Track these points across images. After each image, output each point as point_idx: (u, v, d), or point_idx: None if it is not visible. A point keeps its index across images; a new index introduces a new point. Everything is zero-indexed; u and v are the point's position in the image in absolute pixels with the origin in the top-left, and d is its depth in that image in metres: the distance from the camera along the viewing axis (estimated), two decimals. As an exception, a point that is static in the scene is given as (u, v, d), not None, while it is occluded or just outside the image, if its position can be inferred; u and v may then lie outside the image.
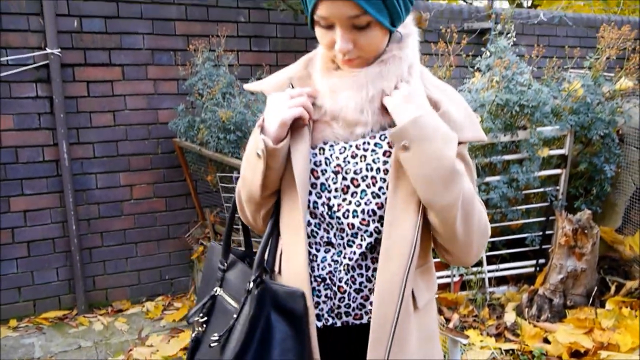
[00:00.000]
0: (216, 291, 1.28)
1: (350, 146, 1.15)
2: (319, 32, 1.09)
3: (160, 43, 3.69)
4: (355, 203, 1.14)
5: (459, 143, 1.10)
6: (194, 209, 3.88)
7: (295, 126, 1.14)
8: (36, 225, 3.51)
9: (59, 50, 3.39)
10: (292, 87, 1.17)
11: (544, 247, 3.13)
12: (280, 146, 1.12)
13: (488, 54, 2.91)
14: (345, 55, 1.08)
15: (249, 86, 1.29)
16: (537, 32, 5.27)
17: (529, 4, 11.32)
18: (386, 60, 1.12)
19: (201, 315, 1.26)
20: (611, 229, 3.17)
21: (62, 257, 3.59)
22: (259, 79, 3.49)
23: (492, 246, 3.18)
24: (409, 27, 1.16)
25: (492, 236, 3.15)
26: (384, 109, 1.12)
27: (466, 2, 13.69)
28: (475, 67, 2.96)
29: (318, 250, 1.18)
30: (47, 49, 3.36)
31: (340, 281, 1.16)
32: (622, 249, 3.06)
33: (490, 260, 3.21)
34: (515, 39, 3.02)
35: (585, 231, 2.73)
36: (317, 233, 1.18)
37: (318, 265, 1.17)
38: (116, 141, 3.65)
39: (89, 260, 3.66)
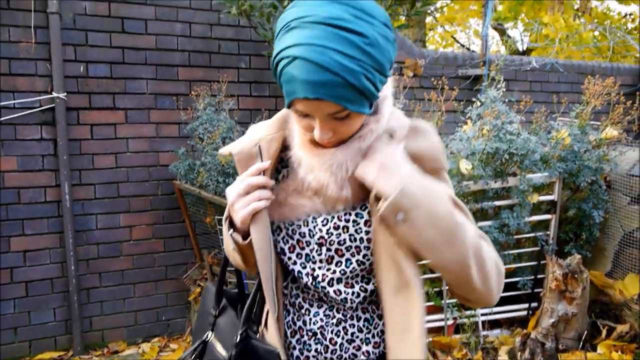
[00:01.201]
0: (207, 336, 1.32)
1: (333, 217, 1.16)
2: (295, 116, 1.07)
3: (163, 88, 3.80)
4: (340, 272, 1.16)
5: (437, 170, 1.12)
6: (192, 250, 3.93)
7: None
8: (35, 266, 3.56)
9: (65, 94, 3.50)
10: (260, 150, 1.17)
11: (536, 290, 3.18)
12: (249, 241, 1.16)
13: (479, 103, 3.02)
14: (324, 142, 1.07)
15: (222, 151, 1.28)
16: (530, 78, 5.43)
17: (524, 48, 11.63)
18: (364, 135, 1.10)
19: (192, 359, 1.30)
20: (601, 273, 3.23)
21: (59, 297, 3.62)
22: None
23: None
24: (383, 91, 1.12)
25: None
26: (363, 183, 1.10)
27: (464, 47, 14.03)
28: (467, 116, 3.07)
29: (311, 305, 1.20)
30: (53, 93, 3.47)
31: (331, 333, 1.19)
32: (612, 293, 3.12)
33: (484, 303, 3.25)
34: (504, 89, 3.14)
35: (576, 275, 2.80)
36: (309, 292, 1.21)
37: (310, 319, 1.20)
38: (117, 183, 3.72)
39: (87, 300, 3.69)
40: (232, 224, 1.20)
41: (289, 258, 1.20)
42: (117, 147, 3.71)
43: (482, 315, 3.16)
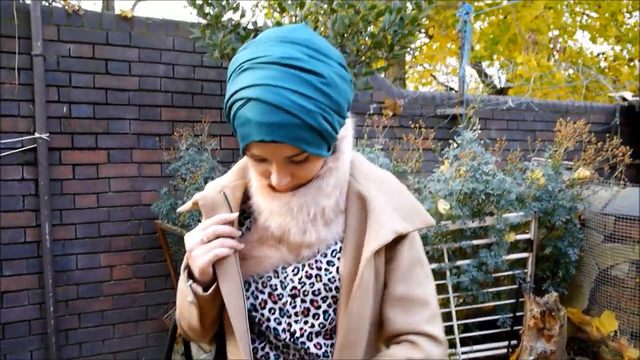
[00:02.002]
0: None
1: (304, 266, 1.11)
2: (251, 163, 1.04)
3: (146, 128, 3.84)
4: (319, 325, 1.10)
5: (404, 235, 1.09)
6: (173, 289, 3.91)
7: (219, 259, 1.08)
8: (14, 307, 3.51)
9: (48, 134, 3.51)
10: (225, 196, 1.13)
11: (515, 328, 3.22)
12: (210, 293, 1.07)
13: (455, 145, 3.10)
14: (282, 186, 1.04)
15: (183, 208, 1.22)
16: (507, 117, 5.57)
17: (501, 86, 11.91)
18: (323, 174, 1.08)
19: None
20: (578, 310, 3.28)
21: (37, 339, 3.57)
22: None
23: (465, 328, 3.26)
24: (342, 131, 1.11)
25: (464, 318, 3.25)
26: (327, 225, 1.08)
27: (443, 85, 14.32)
28: (445, 157, 3.15)
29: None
30: (35, 133, 3.49)
31: None
32: (589, 330, 3.17)
33: (464, 341, 3.28)
34: (480, 129, 3.23)
35: (553, 313, 2.84)
36: (288, 352, 1.14)
37: None
38: (99, 222, 3.72)
39: (65, 342, 3.64)
40: (190, 274, 1.11)
41: (262, 315, 1.12)
42: (99, 187, 3.72)
43: (463, 353, 3.18)
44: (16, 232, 3.50)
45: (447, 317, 3.15)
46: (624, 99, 6.30)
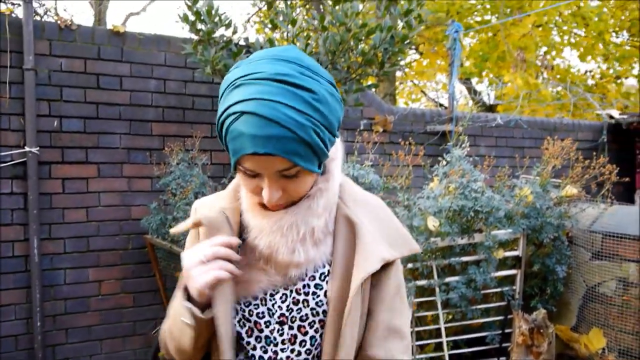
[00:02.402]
0: None
1: (291, 292, 1.11)
2: (242, 178, 1.04)
3: (137, 143, 3.84)
4: (305, 352, 1.10)
5: (390, 263, 1.12)
6: (161, 304, 3.89)
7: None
8: (0, 322, 3.48)
9: (38, 148, 3.50)
10: (227, 218, 1.12)
11: (504, 345, 3.23)
12: (207, 315, 1.05)
13: (444, 162, 3.13)
14: (273, 204, 1.04)
15: (181, 228, 1.13)
16: (496, 134, 5.62)
17: (491, 103, 12.01)
18: (313, 194, 1.09)
19: None
20: (567, 328, 3.30)
21: (24, 355, 3.53)
22: (231, 178, 3.66)
23: (454, 344, 3.27)
24: (332, 152, 1.13)
25: (454, 334, 3.25)
26: (316, 245, 1.09)
27: (433, 101, 14.41)
28: (434, 174, 3.17)
29: None
30: (25, 147, 3.48)
31: None
32: (578, 347, 3.18)
33: (453, 358, 3.28)
34: (469, 146, 3.27)
35: (541, 330, 2.86)
36: None
37: None
38: (87, 237, 3.70)
39: (52, 358, 3.61)
40: (187, 295, 1.08)
41: (247, 343, 1.12)
42: (88, 201, 3.71)
43: (452, 370, 3.19)
44: (4, 246, 3.48)
45: (436, 333, 3.16)
46: (611, 117, 6.38)
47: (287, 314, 1.10)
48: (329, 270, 1.12)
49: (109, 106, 3.75)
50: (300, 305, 1.10)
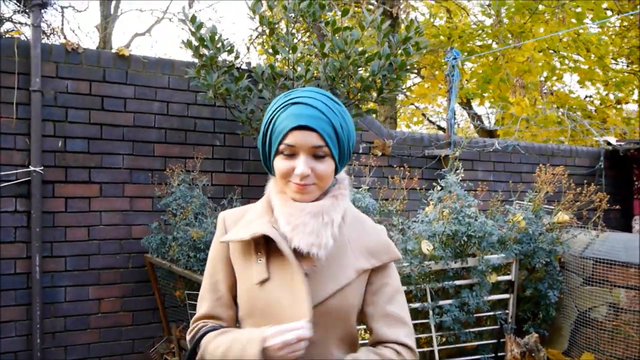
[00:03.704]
0: None
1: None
2: (280, 162, 1.30)
3: (139, 163, 3.92)
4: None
5: (380, 267, 1.41)
6: (160, 323, 3.94)
7: None
8: (0, 338, 3.52)
9: (42, 168, 3.58)
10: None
11: (497, 368, 3.27)
12: None
13: (439, 187, 3.20)
14: (303, 180, 1.28)
15: (227, 238, 1.39)
16: (493, 158, 5.69)
17: (492, 125, 12.09)
18: (336, 195, 1.37)
19: None
20: (559, 352, 3.34)
21: (23, 371, 3.58)
22: (230, 199, 3.73)
23: (448, 367, 3.31)
24: (344, 176, 1.45)
25: (447, 357, 3.29)
26: (332, 238, 1.32)
27: (433, 124, 14.51)
28: (429, 199, 3.24)
29: None
30: (30, 166, 3.56)
31: None
32: (569, 371, 3.22)
33: (447, 381, 3.32)
34: (463, 172, 3.34)
35: (533, 354, 2.90)
36: None
37: None
38: (89, 255, 3.76)
39: (51, 375, 3.65)
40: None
41: None
42: (90, 219, 3.77)
43: (446, 393, 3.22)
44: (6, 264, 3.54)
45: (430, 356, 3.20)
46: (609, 144, 6.46)
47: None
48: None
49: (112, 127, 3.84)
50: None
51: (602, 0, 10.87)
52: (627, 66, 12.09)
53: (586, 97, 12.82)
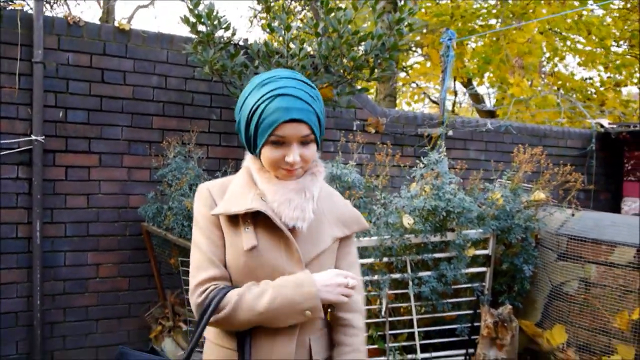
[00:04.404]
0: None
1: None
2: (270, 151, 1.42)
3: (138, 135, 4.05)
4: None
5: (348, 236, 1.60)
6: (155, 289, 4.11)
7: None
8: (2, 299, 3.69)
9: (43, 137, 3.72)
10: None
11: (473, 337, 3.44)
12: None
13: (422, 164, 3.34)
14: (294, 166, 1.42)
15: (221, 211, 1.48)
16: (486, 138, 5.80)
17: (492, 105, 12.15)
18: (315, 172, 1.53)
19: None
20: (532, 323, 3.51)
21: (23, 330, 3.75)
22: (225, 172, 3.87)
23: (426, 335, 3.48)
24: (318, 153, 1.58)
25: (425, 325, 3.46)
26: (312, 211, 1.48)
27: (435, 102, 14.55)
28: (412, 175, 3.38)
29: None
30: (32, 136, 3.70)
31: None
32: (541, 341, 3.39)
33: (425, 348, 3.49)
34: (445, 154, 3.47)
35: (505, 324, 3.07)
36: None
37: None
38: (87, 222, 3.92)
39: (50, 335, 3.83)
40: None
41: None
42: (89, 188, 3.92)
43: (423, 359, 3.40)
44: (8, 228, 3.70)
45: (409, 324, 3.37)
46: (601, 126, 6.56)
47: None
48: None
49: (112, 100, 3.97)
50: None
51: (605, -18, 10.86)
52: (629, 49, 12.10)
53: (586, 79, 12.84)
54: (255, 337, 1.45)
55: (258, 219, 1.47)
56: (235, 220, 1.48)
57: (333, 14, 3.76)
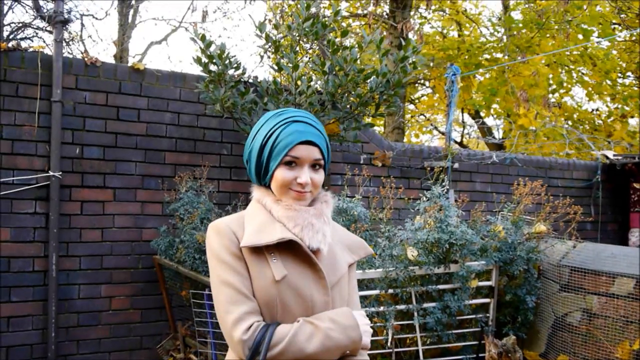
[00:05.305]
0: None
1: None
2: (283, 172, 1.51)
3: (151, 170, 4.19)
4: None
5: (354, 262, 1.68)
6: (167, 321, 4.19)
7: None
8: (18, 331, 3.79)
9: (60, 173, 3.87)
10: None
11: (478, 368, 3.49)
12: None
13: (425, 198, 3.43)
14: (305, 187, 1.51)
15: (251, 242, 1.51)
16: (491, 170, 5.89)
17: (500, 137, 12.24)
18: (327, 201, 1.62)
19: None
20: (536, 354, 3.55)
21: (39, 362, 3.84)
22: (235, 206, 3.98)
23: (432, 366, 3.53)
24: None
25: (431, 356, 3.51)
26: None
27: (442, 134, 14.64)
28: (415, 209, 3.47)
29: None
30: (49, 172, 3.84)
31: None
32: (546, 373, 3.43)
33: (432, 379, 3.54)
34: (448, 188, 3.57)
35: (509, 354, 3.12)
36: None
37: None
38: (101, 255, 4.03)
39: (64, 366, 3.91)
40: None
41: None
42: (104, 222, 4.05)
43: (430, 390, 3.44)
44: (25, 262, 3.82)
45: (415, 355, 3.42)
46: (606, 157, 6.64)
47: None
48: None
49: (126, 136, 4.12)
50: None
51: (609, 16, 11.04)
52: (635, 80, 12.21)
53: (593, 110, 12.92)
54: None
55: (283, 249, 1.52)
56: (258, 252, 1.50)
57: (339, 53, 3.91)
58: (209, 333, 3.63)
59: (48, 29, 4.28)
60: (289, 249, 1.52)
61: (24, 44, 4.20)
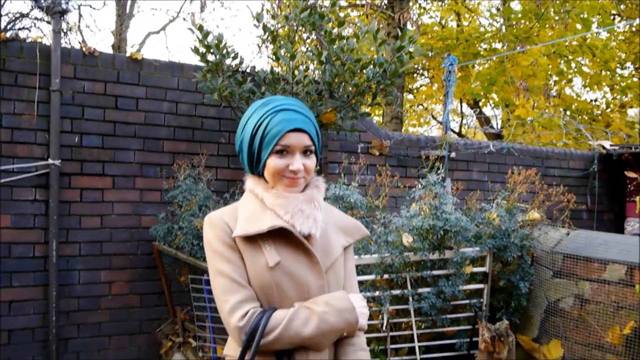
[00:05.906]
0: None
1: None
2: (275, 160, 1.54)
3: (149, 158, 4.23)
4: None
5: (349, 244, 1.71)
6: (166, 306, 4.25)
7: None
8: (19, 315, 3.84)
9: (60, 161, 3.90)
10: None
11: (471, 352, 3.54)
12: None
13: (420, 186, 3.48)
14: (297, 174, 1.54)
15: (243, 232, 1.54)
16: (488, 160, 5.92)
17: (499, 126, 12.27)
18: (318, 186, 1.64)
19: None
20: (529, 338, 3.61)
21: (39, 346, 3.89)
22: (233, 193, 4.01)
23: (426, 349, 3.59)
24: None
25: (425, 340, 3.57)
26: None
27: (441, 124, 14.67)
28: (411, 196, 3.52)
29: None
30: (49, 160, 3.88)
31: None
32: (538, 356, 3.49)
33: (426, 363, 3.60)
34: (443, 175, 3.62)
35: (502, 339, 3.17)
36: None
37: None
38: (101, 242, 4.08)
39: (65, 350, 3.97)
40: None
41: None
42: (103, 209, 4.09)
43: (424, 374, 3.50)
44: (26, 248, 3.87)
45: (410, 338, 3.49)
46: (603, 147, 6.67)
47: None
48: None
49: (125, 125, 4.16)
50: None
51: (608, 7, 11.04)
52: (635, 71, 12.22)
53: (592, 100, 12.94)
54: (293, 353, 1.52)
55: (276, 236, 1.55)
56: (252, 240, 1.54)
57: (337, 43, 3.94)
58: (207, 317, 3.69)
59: (46, 19, 4.28)
60: (282, 236, 1.56)
61: (22, 34, 4.23)
